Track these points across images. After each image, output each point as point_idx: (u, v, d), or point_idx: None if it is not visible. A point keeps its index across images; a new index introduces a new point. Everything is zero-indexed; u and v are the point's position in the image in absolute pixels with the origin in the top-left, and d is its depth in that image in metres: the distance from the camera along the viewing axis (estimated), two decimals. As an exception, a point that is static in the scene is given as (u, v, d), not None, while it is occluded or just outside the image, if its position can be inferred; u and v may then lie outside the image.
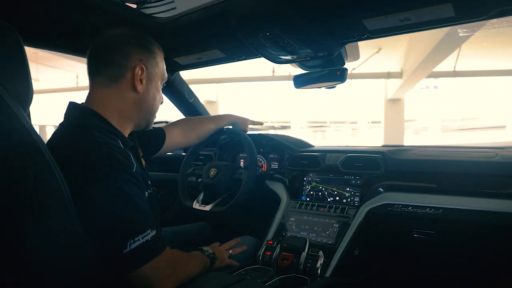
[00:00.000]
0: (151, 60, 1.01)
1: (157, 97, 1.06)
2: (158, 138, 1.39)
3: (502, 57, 9.02)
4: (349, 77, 2.43)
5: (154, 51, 1.03)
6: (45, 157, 0.72)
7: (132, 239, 0.78)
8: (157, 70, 1.03)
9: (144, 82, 0.99)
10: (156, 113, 1.08)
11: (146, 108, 1.03)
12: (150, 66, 1.01)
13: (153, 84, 1.02)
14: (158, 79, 1.04)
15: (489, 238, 1.23)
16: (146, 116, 1.06)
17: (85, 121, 0.91)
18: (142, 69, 0.98)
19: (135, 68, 0.96)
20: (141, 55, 0.98)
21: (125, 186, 0.83)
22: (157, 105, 1.07)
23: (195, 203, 1.50)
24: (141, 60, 0.98)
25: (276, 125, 19.26)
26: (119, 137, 0.95)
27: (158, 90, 1.05)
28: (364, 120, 19.05)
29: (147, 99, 1.02)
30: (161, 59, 1.05)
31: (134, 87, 0.97)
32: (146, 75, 0.99)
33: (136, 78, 0.97)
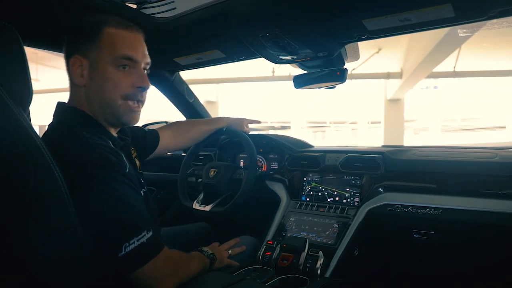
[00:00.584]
0: (91, 46, 0.89)
1: (106, 85, 0.90)
2: (152, 140, 1.37)
3: (502, 58, 9.02)
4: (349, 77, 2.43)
5: (96, 32, 0.89)
6: (45, 157, 0.72)
7: (127, 242, 0.77)
8: (101, 53, 0.89)
9: (85, 73, 0.90)
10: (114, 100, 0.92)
11: (98, 100, 0.92)
12: (91, 52, 0.89)
13: (98, 71, 0.90)
14: (105, 64, 0.90)
15: (489, 238, 1.23)
16: (104, 109, 0.93)
17: (74, 121, 0.90)
18: (79, 59, 0.90)
19: (70, 60, 0.91)
20: (76, 44, 0.90)
21: (119, 188, 0.81)
22: (110, 92, 0.91)
23: (195, 203, 1.50)
24: (77, 50, 0.90)
25: (276, 125, 19.26)
26: (109, 137, 0.93)
27: (106, 76, 0.90)
28: (364, 120, 19.06)
29: (92, 91, 0.91)
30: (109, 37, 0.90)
31: (74, 82, 0.91)
32: (87, 64, 0.90)
33: (72, 71, 0.90)
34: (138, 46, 0.95)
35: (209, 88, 12.23)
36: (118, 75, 0.91)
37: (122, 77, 0.92)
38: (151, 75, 1.18)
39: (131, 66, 0.93)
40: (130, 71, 0.93)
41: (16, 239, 0.69)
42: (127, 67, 0.93)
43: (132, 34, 0.94)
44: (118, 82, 0.91)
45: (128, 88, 0.93)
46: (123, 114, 0.95)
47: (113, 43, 0.90)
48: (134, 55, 0.93)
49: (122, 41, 0.91)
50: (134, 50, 0.93)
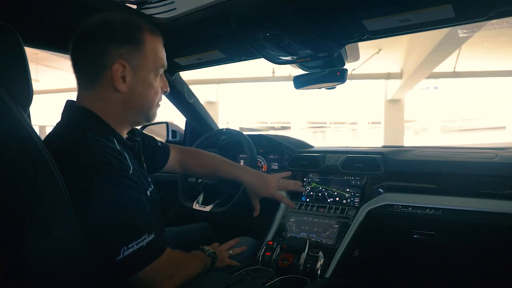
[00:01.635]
0: (134, 52, 0.88)
1: (149, 92, 0.92)
2: (162, 156, 1.31)
3: (502, 58, 9.02)
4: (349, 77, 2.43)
5: (140, 38, 0.89)
6: (45, 157, 0.72)
7: (126, 246, 0.75)
8: (145, 61, 0.90)
9: (128, 79, 0.88)
10: (153, 106, 0.95)
11: (136, 107, 0.93)
12: (135, 58, 0.88)
13: (140, 78, 0.90)
14: (148, 69, 0.91)
15: (489, 239, 1.23)
16: (140, 114, 0.95)
17: (79, 121, 0.88)
18: (123, 65, 0.87)
19: (113, 66, 0.86)
20: (121, 49, 0.87)
21: (119, 191, 0.80)
22: (151, 100, 0.94)
23: (195, 203, 1.50)
24: (121, 55, 0.86)
25: (276, 126, 19.27)
26: (115, 137, 0.91)
27: (148, 83, 0.92)
28: (364, 121, 19.05)
29: (134, 97, 0.91)
30: (152, 45, 0.91)
31: (115, 88, 0.87)
32: (130, 70, 0.88)
33: (115, 77, 0.86)
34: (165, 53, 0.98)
35: (209, 88, 12.24)
36: (157, 83, 0.95)
37: (158, 84, 0.96)
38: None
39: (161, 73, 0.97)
40: (161, 77, 0.97)
41: (15, 239, 0.69)
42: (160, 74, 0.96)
43: (161, 41, 0.96)
44: (157, 89, 0.95)
45: (160, 94, 0.98)
46: (152, 117, 0.99)
47: (155, 51, 0.92)
48: (166, 64, 0.97)
49: (160, 49, 0.94)
50: (165, 58, 0.97)
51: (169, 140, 1.99)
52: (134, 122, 0.99)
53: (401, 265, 1.51)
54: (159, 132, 2.06)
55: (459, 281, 1.43)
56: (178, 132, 2.05)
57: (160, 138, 2.02)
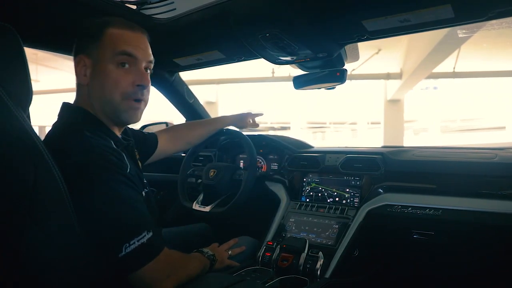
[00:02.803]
0: (93, 45, 0.92)
1: (107, 83, 0.91)
2: (151, 144, 1.38)
3: (502, 58, 9.02)
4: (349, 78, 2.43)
5: (99, 33, 0.91)
6: (45, 158, 0.72)
7: (128, 243, 0.77)
8: (102, 53, 0.91)
9: (88, 72, 0.93)
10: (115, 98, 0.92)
11: (98, 99, 0.93)
12: (94, 52, 0.92)
13: (98, 70, 0.91)
14: (106, 61, 0.91)
15: (489, 239, 1.23)
16: (106, 108, 0.94)
17: (77, 121, 0.90)
18: (83, 59, 0.92)
19: (75, 60, 0.94)
20: (82, 45, 0.93)
21: (119, 188, 0.82)
22: (110, 90, 0.92)
23: (195, 204, 1.50)
24: (82, 50, 0.93)
25: (276, 126, 19.24)
26: (112, 137, 0.94)
27: (106, 74, 0.91)
28: (363, 121, 19.05)
29: (93, 89, 0.93)
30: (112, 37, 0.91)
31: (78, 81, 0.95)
32: (90, 64, 0.92)
33: (76, 70, 0.93)
34: (139, 44, 0.95)
35: (209, 88, 12.23)
36: (117, 73, 0.92)
37: (121, 75, 0.92)
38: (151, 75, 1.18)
39: (131, 64, 0.94)
40: (130, 69, 0.93)
41: (15, 239, 0.69)
42: (127, 64, 0.93)
43: (135, 33, 0.95)
44: (117, 80, 0.92)
45: (127, 87, 0.93)
46: (123, 112, 0.95)
47: (114, 42, 0.91)
48: (133, 51, 0.93)
49: (122, 39, 0.92)
50: (133, 47, 0.93)
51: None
52: (113, 120, 0.97)
53: (401, 265, 1.51)
54: (159, 132, 2.05)
55: (459, 281, 1.43)
56: (178, 132, 2.04)
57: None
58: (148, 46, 0.98)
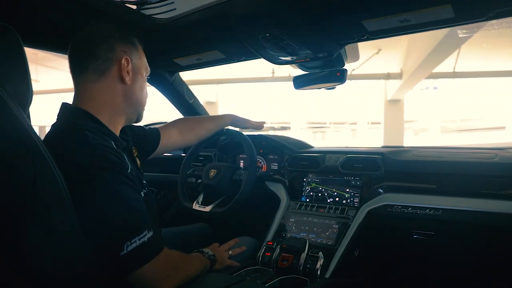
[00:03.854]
0: (134, 52, 1.02)
1: (144, 89, 1.07)
2: (153, 139, 1.37)
3: (502, 58, 9.02)
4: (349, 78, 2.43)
5: (136, 44, 1.04)
6: (45, 158, 0.72)
7: (129, 241, 0.77)
8: (141, 62, 1.04)
9: (131, 74, 1.00)
10: (145, 105, 1.09)
11: (135, 100, 1.04)
12: (135, 58, 1.01)
13: (139, 76, 1.03)
14: (143, 71, 1.05)
15: (489, 239, 1.23)
16: (137, 108, 1.06)
17: (77, 121, 0.90)
18: (128, 60, 0.98)
19: (121, 60, 0.97)
20: (125, 47, 0.99)
21: (120, 188, 0.82)
22: (145, 97, 1.08)
23: (195, 204, 1.50)
24: (125, 52, 0.99)
25: (276, 126, 19.24)
26: (112, 138, 0.94)
27: (144, 81, 1.07)
28: (363, 121, 19.04)
29: (135, 90, 1.03)
30: (142, 53, 1.07)
31: (122, 79, 0.98)
32: (131, 67, 1.00)
33: (124, 69, 0.97)
34: None
35: (209, 88, 12.23)
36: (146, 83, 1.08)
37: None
38: (151, 75, 1.18)
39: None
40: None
41: (16, 239, 0.69)
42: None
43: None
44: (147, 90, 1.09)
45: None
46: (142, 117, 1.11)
47: (144, 56, 1.07)
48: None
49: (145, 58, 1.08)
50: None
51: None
52: (128, 118, 1.06)
53: (401, 265, 1.51)
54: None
55: (459, 281, 1.43)
56: (178, 132, 2.04)
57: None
58: None
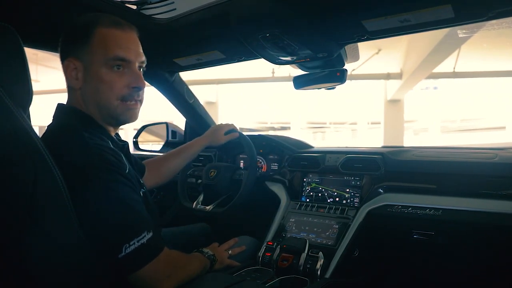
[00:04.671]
0: (83, 49, 0.89)
1: (101, 87, 0.90)
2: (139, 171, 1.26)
3: (502, 58, 9.02)
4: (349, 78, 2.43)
5: (89, 36, 0.89)
6: (45, 158, 0.72)
7: (127, 243, 0.77)
8: (92, 56, 0.89)
9: (80, 75, 0.90)
10: (111, 102, 0.92)
11: (94, 102, 0.92)
12: (84, 54, 0.89)
13: (92, 74, 0.89)
14: (98, 66, 0.89)
15: (489, 239, 1.23)
16: (101, 111, 0.93)
17: (74, 121, 0.89)
18: (72, 62, 0.90)
19: (63, 64, 0.91)
20: (68, 47, 0.91)
21: (118, 189, 0.81)
22: (105, 94, 0.91)
23: (195, 204, 1.50)
24: (69, 53, 0.90)
25: (276, 126, 19.23)
26: (108, 138, 0.93)
27: (99, 78, 0.89)
28: (364, 121, 19.03)
29: (88, 93, 0.91)
30: (101, 39, 0.89)
31: (69, 85, 0.93)
32: (81, 67, 0.90)
33: (67, 74, 0.91)
34: (131, 45, 0.93)
35: (209, 89, 12.23)
36: (112, 77, 0.90)
37: (116, 78, 0.91)
38: (151, 75, 1.18)
39: (125, 66, 0.92)
40: (124, 71, 0.92)
41: (16, 239, 0.69)
42: (121, 67, 0.92)
43: (125, 33, 0.93)
44: (112, 84, 0.90)
45: (123, 89, 0.92)
46: (121, 114, 0.94)
47: (105, 45, 0.89)
48: (126, 56, 0.91)
49: (114, 41, 0.90)
50: (126, 50, 0.91)
51: (169, 141, 1.99)
52: (108, 122, 0.96)
53: (401, 265, 1.51)
54: (159, 132, 2.06)
55: (459, 281, 1.43)
56: (178, 133, 2.05)
57: (160, 139, 2.02)
58: (139, 45, 0.96)
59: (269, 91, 13.64)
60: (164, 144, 1.98)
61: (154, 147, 2.05)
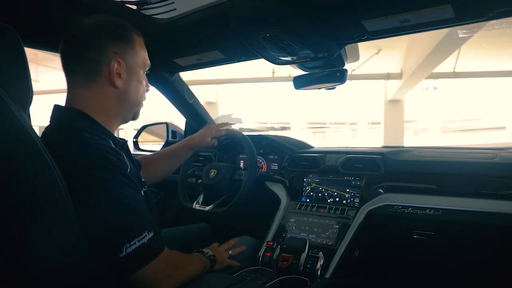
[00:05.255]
0: (129, 51, 0.95)
1: (140, 89, 1.00)
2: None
3: (502, 58, 9.02)
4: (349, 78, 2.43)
5: (132, 39, 0.96)
6: (45, 158, 0.72)
7: (128, 243, 0.77)
8: (137, 60, 0.97)
9: (124, 76, 0.94)
10: (141, 103, 1.04)
11: (129, 103, 0.99)
12: (129, 57, 0.95)
13: (134, 76, 0.97)
14: (139, 69, 0.98)
15: (489, 239, 1.23)
16: (132, 110, 1.02)
17: (73, 122, 0.89)
18: (120, 62, 0.92)
19: (111, 63, 0.91)
20: (117, 48, 0.92)
21: (120, 188, 0.81)
22: (141, 96, 1.02)
23: (195, 204, 1.50)
24: (117, 53, 0.92)
25: (276, 126, 19.23)
26: (109, 137, 0.93)
27: (140, 81, 0.99)
28: (364, 121, 19.03)
29: (129, 93, 0.97)
30: (140, 47, 0.98)
31: (113, 83, 0.92)
32: (125, 68, 0.94)
33: (113, 73, 0.91)
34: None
35: (209, 89, 12.24)
36: (145, 80, 1.03)
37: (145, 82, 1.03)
38: (151, 75, 1.18)
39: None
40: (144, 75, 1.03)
41: (16, 239, 0.69)
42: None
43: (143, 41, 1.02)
44: (145, 86, 1.03)
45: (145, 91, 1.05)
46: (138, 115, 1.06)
47: (143, 51, 1.00)
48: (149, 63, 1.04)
49: (145, 50, 1.01)
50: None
51: (169, 141, 1.99)
52: (124, 119, 1.02)
53: (401, 265, 1.51)
54: (159, 132, 2.06)
55: (459, 281, 1.43)
56: (178, 133, 2.05)
57: (160, 139, 2.02)
58: None
59: (269, 91, 13.64)
60: (164, 144, 1.98)
61: (154, 147, 2.05)
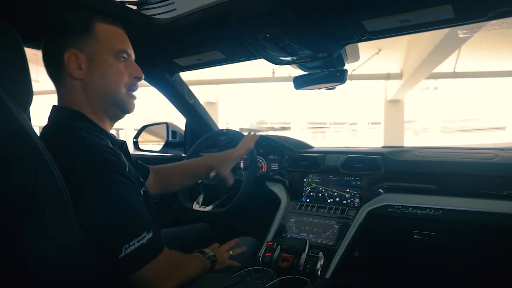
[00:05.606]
0: (86, 40, 0.91)
1: (109, 73, 0.93)
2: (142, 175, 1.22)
3: (502, 58, 9.03)
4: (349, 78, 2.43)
5: (90, 28, 0.92)
6: (45, 158, 0.72)
7: (127, 244, 0.76)
8: (99, 47, 0.92)
9: (84, 66, 0.91)
10: (119, 89, 0.95)
11: (99, 91, 0.93)
12: (87, 46, 0.91)
13: (98, 63, 0.92)
14: (105, 56, 0.93)
15: (489, 239, 1.23)
16: (109, 99, 0.95)
17: (70, 122, 0.89)
18: (75, 53, 0.90)
19: (64, 56, 0.90)
20: (70, 40, 0.91)
21: (118, 188, 0.81)
22: (114, 83, 0.94)
23: (195, 204, 1.50)
24: (71, 45, 0.90)
25: (276, 126, 19.24)
26: (106, 136, 0.93)
27: (108, 65, 0.93)
28: (364, 121, 19.03)
29: (94, 81, 0.92)
30: (105, 33, 0.93)
31: (73, 75, 0.90)
32: (84, 57, 0.91)
33: (70, 65, 0.90)
34: (128, 41, 1.00)
35: (209, 89, 12.24)
36: (119, 66, 0.96)
37: (122, 68, 0.96)
38: (151, 75, 1.18)
39: (126, 59, 0.99)
40: (126, 63, 0.98)
41: (16, 239, 0.69)
42: (124, 59, 0.98)
43: (120, 29, 0.99)
44: (121, 73, 0.96)
45: (129, 78, 0.98)
46: (126, 102, 0.99)
47: (110, 38, 0.95)
48: (129, 49, 0.99)
49: (117, 36, 0.97)
50: (127, 44, 0.99)
51: (169, 141, 1.99)
52: (110, 114, 0.98)
53: (401, 265, 1.51)
54: (159, 132, 2.06)
55: (459, 281, 1.43)
56: (178, 133, 2.05)
57: (160, 139, 2.02)
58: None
59: (269, 91, 13.65)
60: (164, 144, 1.98)
61: (154, 147, 2.05)
